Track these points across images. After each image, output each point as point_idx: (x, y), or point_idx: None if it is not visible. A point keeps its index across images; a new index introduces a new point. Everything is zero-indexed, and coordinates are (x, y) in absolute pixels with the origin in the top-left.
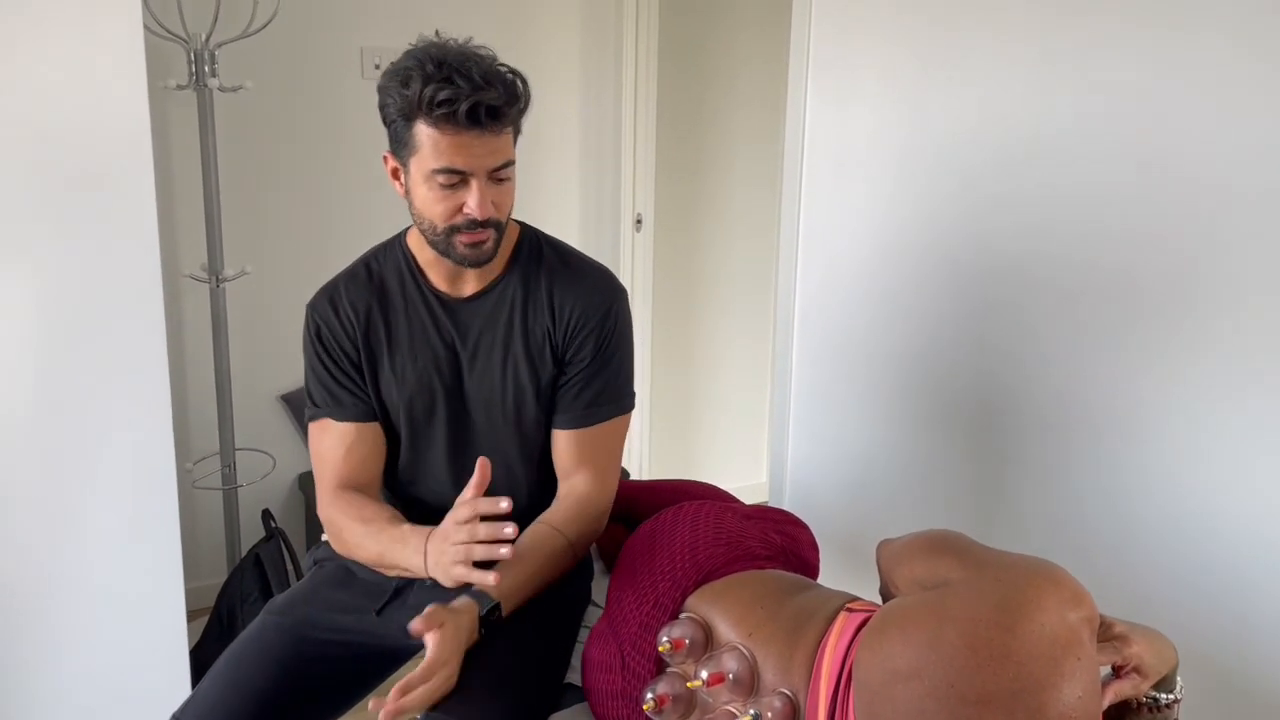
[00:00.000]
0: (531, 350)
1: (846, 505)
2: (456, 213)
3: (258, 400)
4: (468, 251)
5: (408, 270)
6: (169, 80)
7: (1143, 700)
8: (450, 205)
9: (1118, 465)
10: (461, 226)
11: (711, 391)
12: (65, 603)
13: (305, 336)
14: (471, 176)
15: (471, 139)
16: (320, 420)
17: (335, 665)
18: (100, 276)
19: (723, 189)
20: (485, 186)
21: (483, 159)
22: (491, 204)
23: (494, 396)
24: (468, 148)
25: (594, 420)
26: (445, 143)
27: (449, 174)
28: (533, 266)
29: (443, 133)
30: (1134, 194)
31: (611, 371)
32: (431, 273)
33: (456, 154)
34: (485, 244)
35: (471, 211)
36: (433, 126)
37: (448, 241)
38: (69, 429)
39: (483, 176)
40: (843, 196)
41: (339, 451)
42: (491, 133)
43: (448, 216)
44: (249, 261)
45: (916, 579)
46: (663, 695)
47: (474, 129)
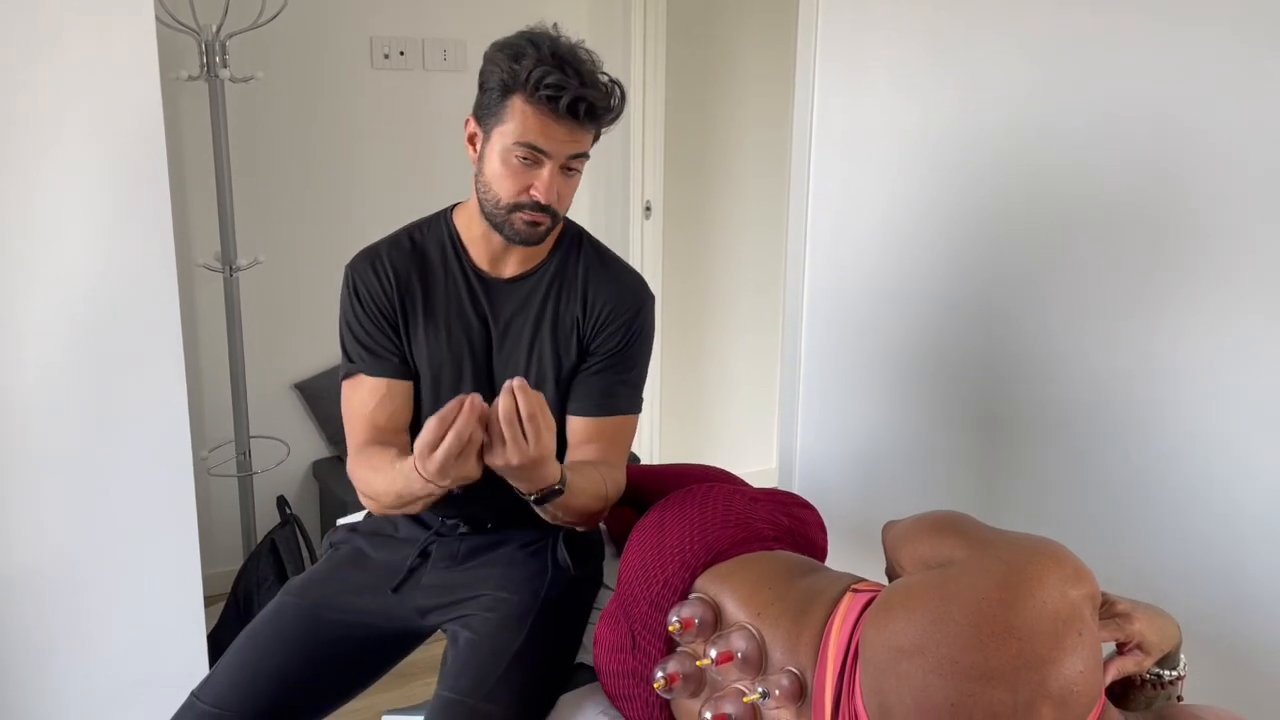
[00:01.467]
0: (559, 336)
1: (854, 488)
2: (523, 191)
3: (272, 388)
4: (524, 229)
5: (450, 245)
6: (180, 71)
7: (1145, 677)
8: (521, 183)
9: (1124, 447)
10: (525, 205)
11: (721, 378)
12: (85, 589)
13: (343, 296)
14: (548, 160)
15: (561, 128)
16: (354, 377)
17: (351, 646)
18: (115, 267)
19: (732, 177)
20: (556, 173)
21: (563, 146)
22: (557, 193)
23: (517, 374)
24: (553, 133)
25: (609, 410)
26: (536, 123)
27: (530, 151)
28: (572, 259)
29: (538, 113)
30: (1143, 181)
31: (631, 369)
32: (474, 251)
33: (542, 136)
34: (541, 227)
35: (538, 194)
36: (531, 105)
37: (507, 217)
38: (85, 419)
39: (558, 162)
40: (851, 184)
41: (369, 405)
42: (580, 128)
43: (515, 193)
44: (262, 251)
45: (921, 559)
46: (673, 674)
47: (568, 120)
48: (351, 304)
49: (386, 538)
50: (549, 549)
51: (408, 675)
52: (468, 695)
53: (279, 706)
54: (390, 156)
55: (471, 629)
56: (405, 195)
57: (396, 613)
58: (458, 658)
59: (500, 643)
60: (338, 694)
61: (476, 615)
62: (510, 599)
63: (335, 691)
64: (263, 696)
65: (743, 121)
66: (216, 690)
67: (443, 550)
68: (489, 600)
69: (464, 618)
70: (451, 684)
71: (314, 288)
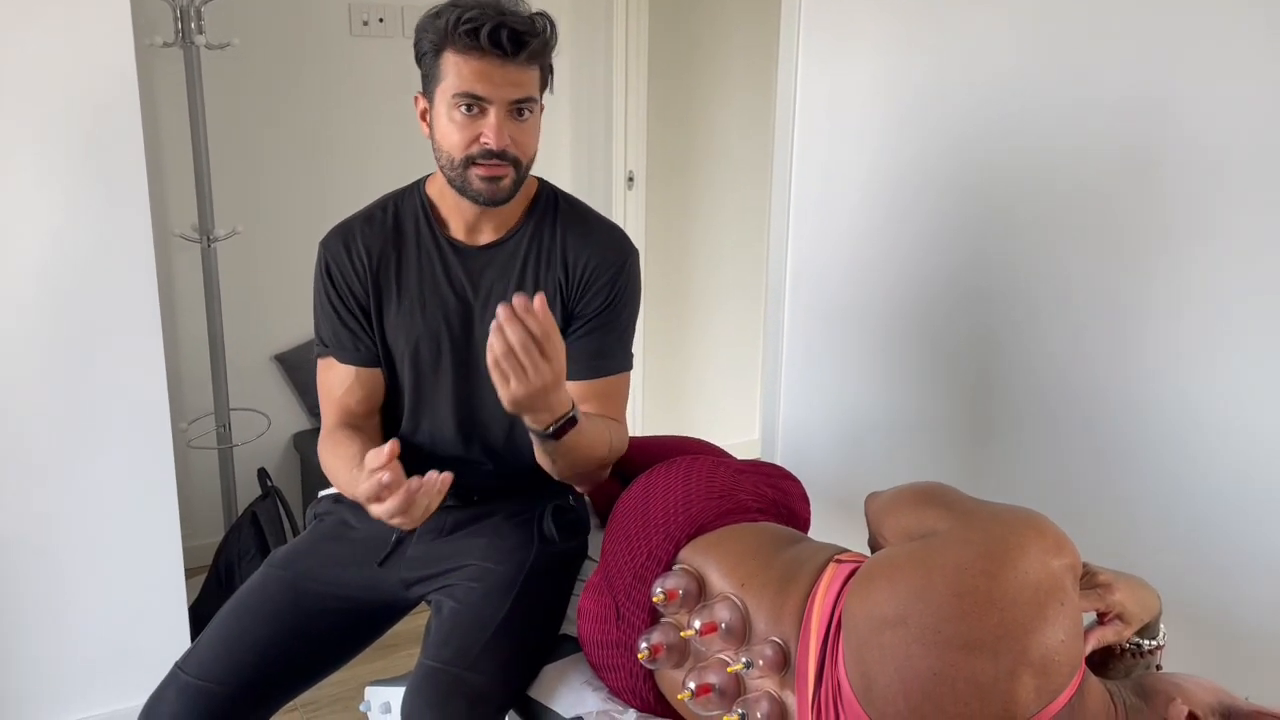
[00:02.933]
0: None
1: (837, 459)
2: (473, 142)
3: (252, 360)
4: (483, 185)
5: (424, 217)
6: (155, 38)
7: (1125, 646)
8: (468, 134)
9: (1104, 419)
10: (477, 157)
11: (705, 349)
12: (65, 561)
13: (316, 273)
14: (490, 105)
15: (493, 66)
16: (326, 358)
17: (335, 618)
18: (91, 238)
19: (715, 147)
20: (504, 119)
21: (502, 89)
22: (510, 139)
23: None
24: (489, 75)
25: (601, 372)
26: (468, 69)
27: (469, 99)
28: (548, 220)
29: (467, 58)
30: (1127, 149)
31: (619, 327)
32: (449, 221)
33: (478, 80)
34: (503, 180)
35: (488, 141)
36: (459, 53)
37: (464, 175)
38: (63, 391)
39: (502, 107)
40: (835, 156)
41: (339, 390)
42: (514, 63)
43: (465, 145)
44: (240, 220)
45: (904, 530)
46: (657, 645)
47: (496, 54)
48: (324, 285)
49: None
50: (535, 521)
51: (391, 646)
52: (451, 664)
53: (263, 678)
54: (370, 124)
55: (456, 599)
56: (384, 163)
57: (381, 585)
58: (441, 627)
59: (485, 613)
60: (322, 665)
61: (461, 585)
62: (495, 569)
63: (320, 663)
64: (247, 668)
65: (726, 91)
66: (200, 662)
67: (429, 523)
68: (474, 570)
69: (449, 587)
70: (435, 653)
71: (293, 257)
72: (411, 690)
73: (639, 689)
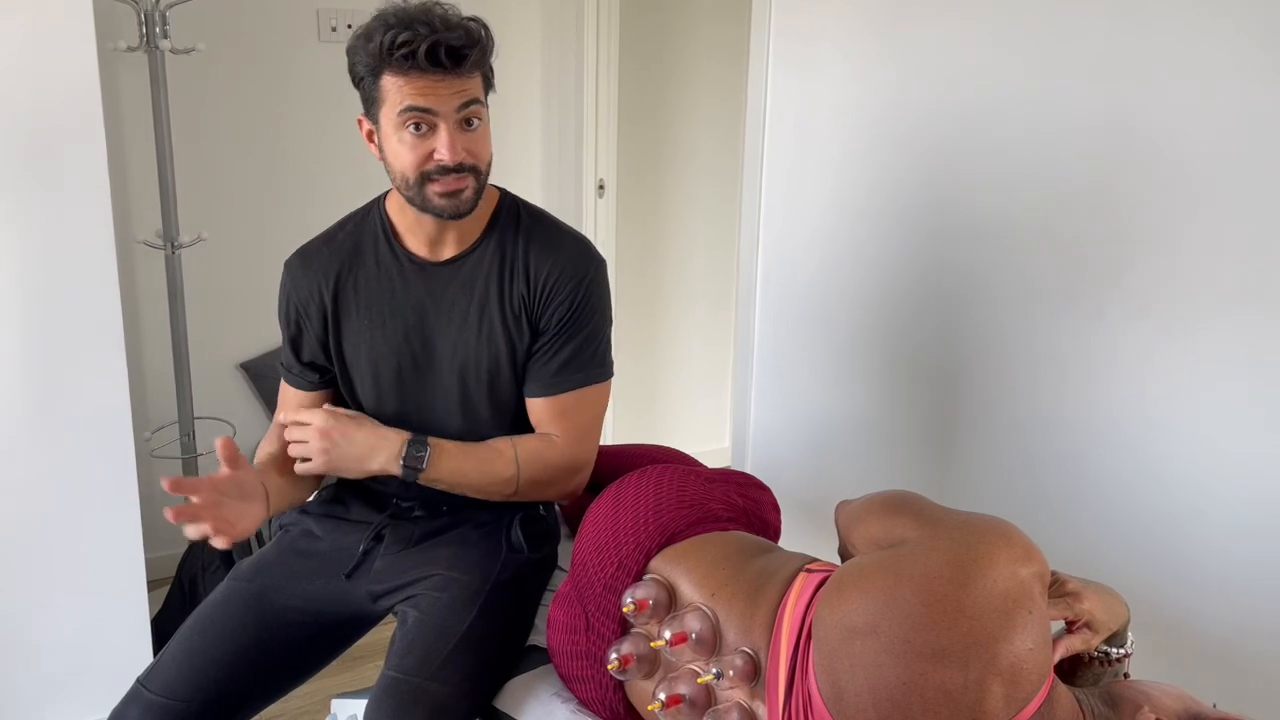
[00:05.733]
0: (508, 317)
1: (807, 468)
2: (427, 159)
3: (217, 368)
4: (444, 202)
5: (383, 234)
6: (119, 42)
7: (1094, 654)
8: (420, 153)
9: (1070, 424)
10: (433, 173)
11: (676, 356)
12: (24, 573)
13: (279, 296)
14: (439, 119)
15: (434, 81)
16: (286, 378)
17: (301, 631)
18: (52, 244)
19: (685, 154)
20: (455, 131)
21: (447, 99)
22: (464, 150)
23: (468, 362)
24: (432, 89)
25: (562, 388)
26: (410, 88)
27: (415, 114)
28: (510, 232)
29: (407, 78)
30: (1088, 158)
31: (583, 340)
32: (409, 237)
33: (419, 95)
34: (463, 192)
35: (442, 157)
36: (397, 74)
37: (422, 194)
38: (22, 401)
39: (450, 120)
40: (805, 163)
41: (289, 406)
42: (455, 75)
43: (418, 164)
44: (205, 227)
45: (873, 538)
46: (627, 655)
47: (436, 70)
48: (284, 310)
49: (337, 520)
50: (503, 530)
51: (357, 659)
52: (413, 674)
53: (228, 693)
54: (337, 132)
55: (420, 609)
56: (351, 171)
57: (348, 598)
58: (404, 637)
59: (448, 623)
60: (288, 679)
61: (426, 595)
62: (460, 579)
63: (285, 677)
64: (211, 684)
65: (697, 99)
66: (164, 678)
67: (396, 534)
68: (439, 580)
69: (413, 598)
70: (397, 663)
71: (259, 265)
72: (373, 701)
73: (609, 700)
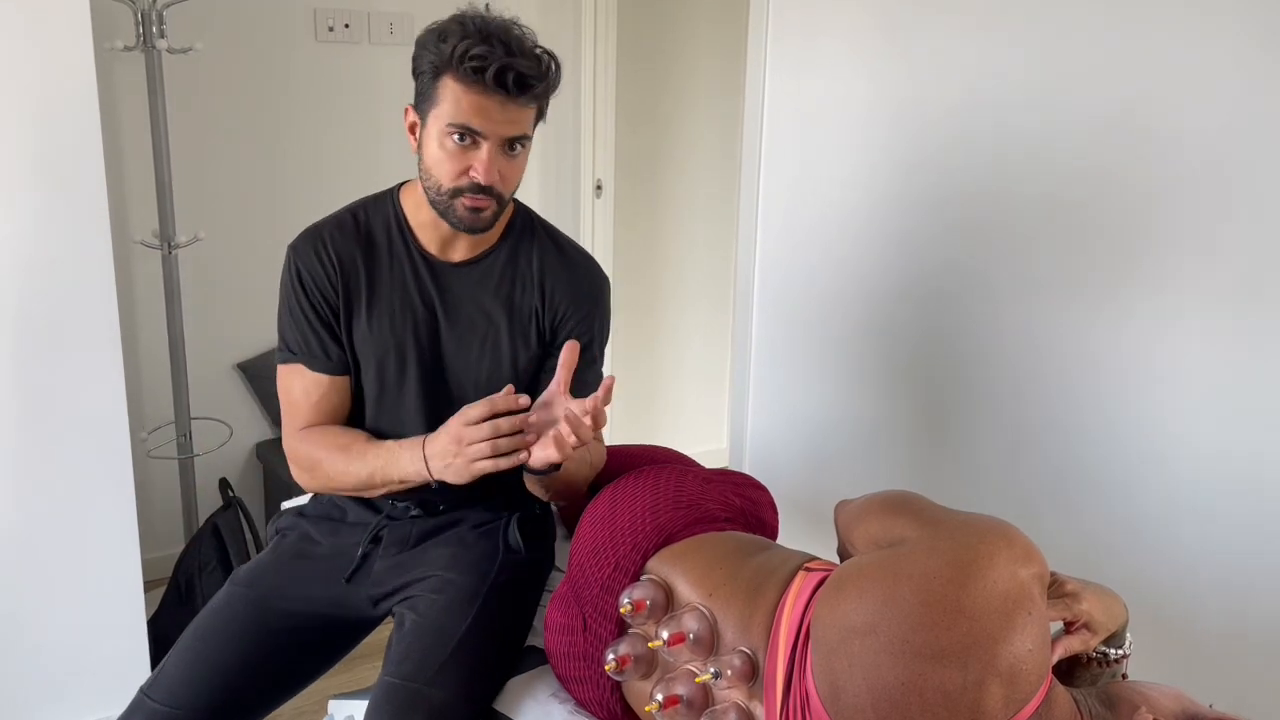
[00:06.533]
0: (515, 326)
1: (805, 467)
2: (463, 174)
3: (213, 368)
4: (466, 215)
5: (397, 227)
6: (115, 41)
7: (1092, 655)
8: (458, 166)
9: (1068, 424)
10: (465, 189)
11: (673, 357)
12: (20, 574)
13: (284, 278)
14: (485, 140)
15: (494, 103)
16: (293, 364)
17: (302, 636)
18: (49, 244)
19: (684, 155)
20: (496, 154)
21: (499, 125)
22: (498, 174)
23: (470, 363)
24: (487, 111)
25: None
26: (467, 101)
27: (464, 132)
28: (525, 244)
29: (468, 90)
30: (1089, 157)
31: (592, 356)
32: (422, 234)
33: (475, 114)
34: (485, 212)
35: (477, 175)
36: (459, 82)
37: (449, 203)
38: (19, 401)
39: (495, 143)
40: (803, 163)
41: (311, 398)
42: (515, 103)
43: (454, 177)
44: (202, 227)
45: (873, 538)
46: (624, 656)
47: (498, 93)
48: (294, 289)
49: (335, 523)
50: (501, 530)
51: (356, 659)
52: (412, 679)
53: (231, 700)
54: (334, 131)
55: (417, 611)
56: (349, 171)
57: (348, 601)
58: (402, 641)
59: (446, 626)
60: (290, 684)
61: (423, 598)
62: (458, 580)
63: (288, 681)
64: (215, 692)
65: (694, 99)
66: (167, 687)
67: (394, 534)
68: (436, 582)
69: (410, 600)
70: (395, 668)
71: (256, 265)
72: (372, 707)
73: (606, 701)
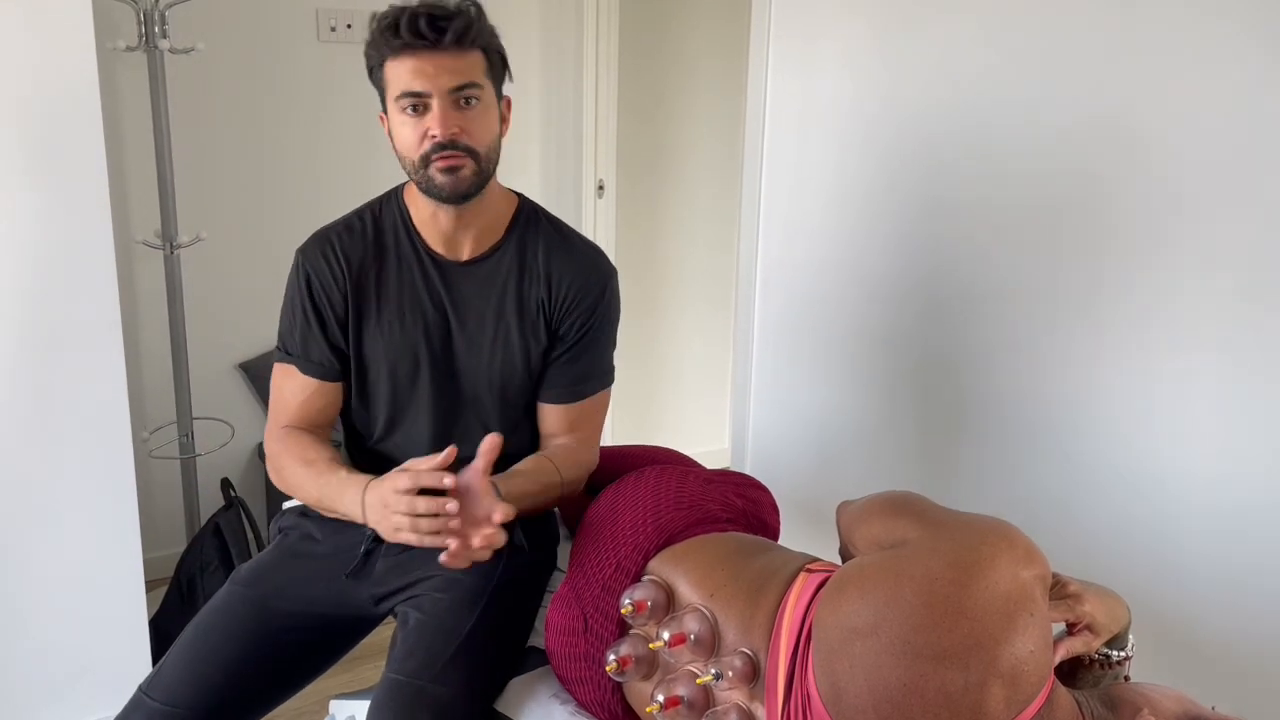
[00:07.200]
0: (525, 321)
1: (807, 468)
2: (423, 139)
3: (215, 368)
4: (445, 179)
5: (403, 227)
6: (118, 42)
7: (1094, 657)
8: (417, 132)
9: (1069, 425)
10: (429, 153)
11: (674, 357)
12: (23, 573)
13: (291, 280)
14: (430, 98)
15: (424, 60)
16: (287, 364)
17: (303, 635)
18: (51, 244)
19: (685, 154)
20: (447, 109)
21: (436, 79)
22: (458, 127)
23: (482, 363)
24: (421, 69)
25: (582, 395)
26: (403, 68)
27: (409, 97)
28: (530, 237)
29: (400, 59)
30: (1086, 158)
31: (599, 349)
32: (427, 232)
33: (412, 77)
34: (462, 170)
35: (435, 133)
36: (391, 57)
37: (426, 175)
38: (21, 401)
39: (442, 98)
40: (804, 164)
41: (298, 398)
42: (444, 52)
43: (417, 145)
44: (204, 227)
45: (875, 539)
46: (625, 657)
47: (421, 45)
48: (300, 294)
49: (337, 522)
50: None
51: (357, 659)
52: (415, 677)
53: (230, 700)
54: (335, 131)
55: (422, 610)
56: (351, 171)
57: (349, 600)
58: (406, 639)
59: (451, 624)
60: (290, 683)
61: (427, 596)
62: (463, 580)
63: (288, 681)
64: (214, 691)
65: (696, 99)
66: (166, 686)
67: None
68: (440, 581)
69: (415, 598)
70: (399, 666)
71: (258, 265)
72: (376, 704)
73: (607, 701)
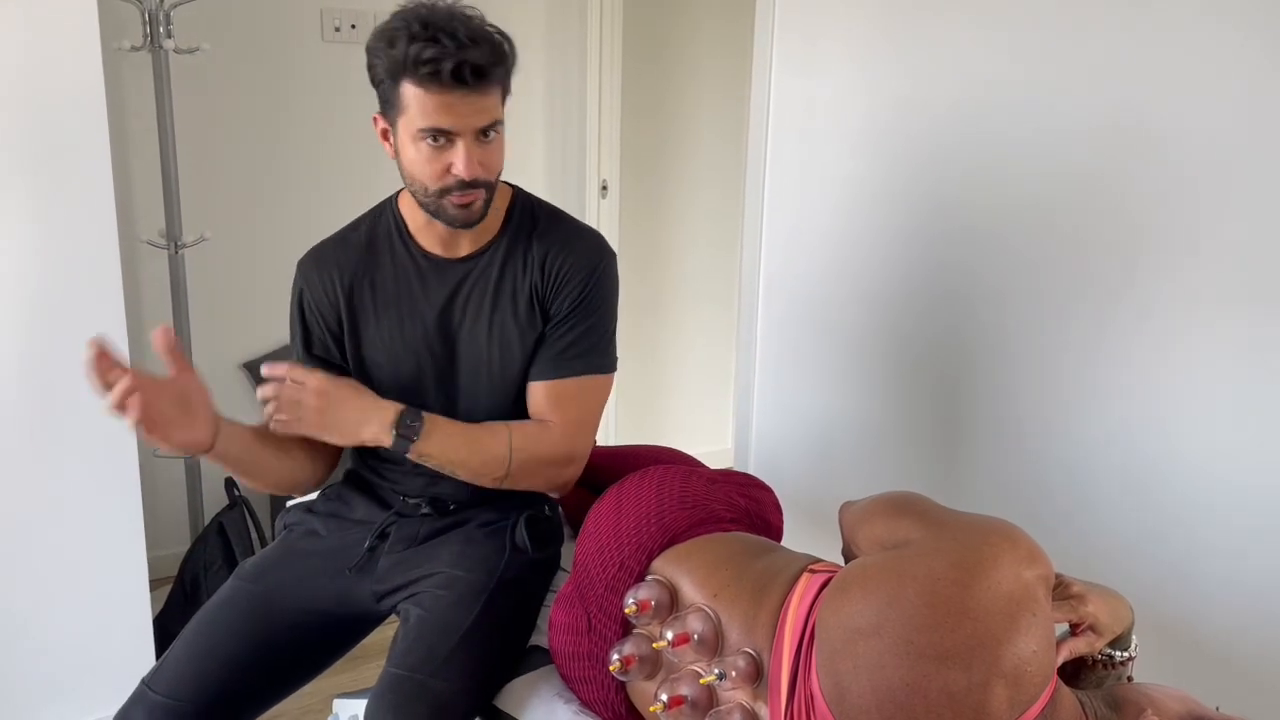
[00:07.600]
0: (519, 311)
1: (810, 468)
2: (445, 174)
3: (219, 368)
4: (457, 213)
5: (398, 233)
6: (123, 42)
7: (1097, 657)
8: (438, 166)
9: (1073, 427)
10: (451, 188)
11: (678, 357)
12: (27, 572)
13: (292, 292)
14: (458, 136)
15: (457, 98)
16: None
17: (306, 631)
18: (56, 244)
19: (689, 155)
20: (472, 146)
21: (468, 118)
22: (479, 164)
23: (481, 357)
24: (453, 107)
25: (564, 373)
26: (431, 102)
27: (435, 134)
28: (525, 229)
29: (428, 92)
30: (1095, 159)
31: (589, 328)
32: (422, 236)
33: (442, 114)
34: (474, 204)
35: (459, 172)
36: (418, 86)
37: (438, 203)
38: (26, 400)
39: (469, 136)
40: (808, 164)
41: None
42: (477, 92)
43: (437, 178)
44: (208, 227)
45: (878, 539)
46: (629, 656)
47: (459, 88)
48: (297, 309)
49: (341, 519)
50: (508, 530)
51: (359, 658)
52: (415, 670)
53: (233, 694)
54: (340, 131)
55: (424, 606)
56: (355, 171)
57: (353, 597)
58: (407, 634)
59: (452, 620)
60: (292, 680)
61: (429, 593)
62: (465, 577)
63: (290, 677)
64: (216, 685)
65: (700, 99)
66: (169, 679)
67: (401, 531)
68: (443, 578)
69: (417, 595)
70: (399, 660)
71: (262, 265)
72: (375, 698)
73: (611, 701)
